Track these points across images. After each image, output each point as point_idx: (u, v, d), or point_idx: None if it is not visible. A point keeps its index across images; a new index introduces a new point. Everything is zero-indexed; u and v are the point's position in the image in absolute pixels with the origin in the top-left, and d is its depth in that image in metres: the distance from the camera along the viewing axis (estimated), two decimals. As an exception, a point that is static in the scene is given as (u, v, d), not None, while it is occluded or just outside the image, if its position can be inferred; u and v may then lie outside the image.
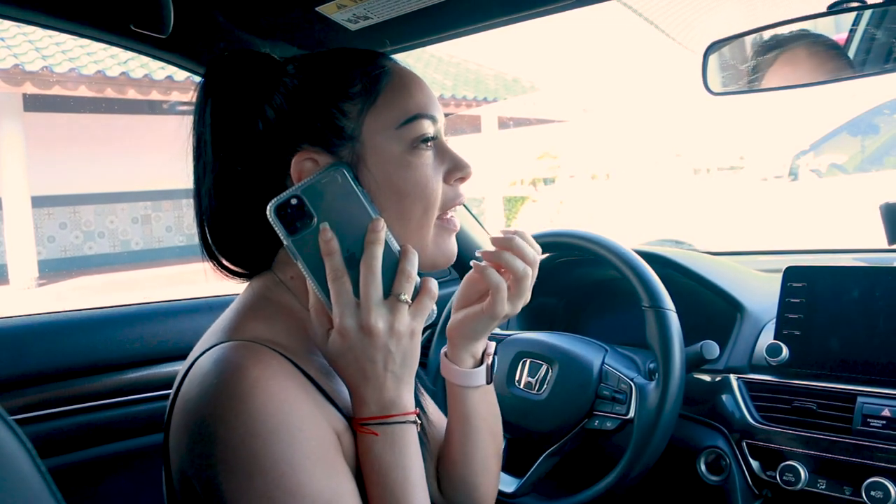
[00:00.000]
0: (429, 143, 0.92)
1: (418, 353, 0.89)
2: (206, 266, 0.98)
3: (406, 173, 0.90)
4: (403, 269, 0.87)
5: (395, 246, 0.88)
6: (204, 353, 0.85)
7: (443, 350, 1.09)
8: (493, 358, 1.10)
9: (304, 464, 0.78)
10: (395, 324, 0.85)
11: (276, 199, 0.86)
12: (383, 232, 0.86)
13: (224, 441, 0.77)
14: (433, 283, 0.89)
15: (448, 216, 0.96)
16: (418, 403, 0.95)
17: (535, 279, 1.01)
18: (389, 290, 0.86)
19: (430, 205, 0.92)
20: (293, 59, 0.96)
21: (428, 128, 0.91)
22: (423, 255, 0.93)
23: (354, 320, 0.84)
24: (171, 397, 0.89)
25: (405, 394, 0.88)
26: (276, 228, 0.86)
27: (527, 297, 1.01)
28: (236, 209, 0.94)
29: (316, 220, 0.86)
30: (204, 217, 0.95)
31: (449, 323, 1.07)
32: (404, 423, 0.87)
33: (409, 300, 0.87)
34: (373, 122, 0.90)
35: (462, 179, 0.96)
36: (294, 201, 0.86)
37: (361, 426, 0.86)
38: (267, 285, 0.95)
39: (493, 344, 1.11)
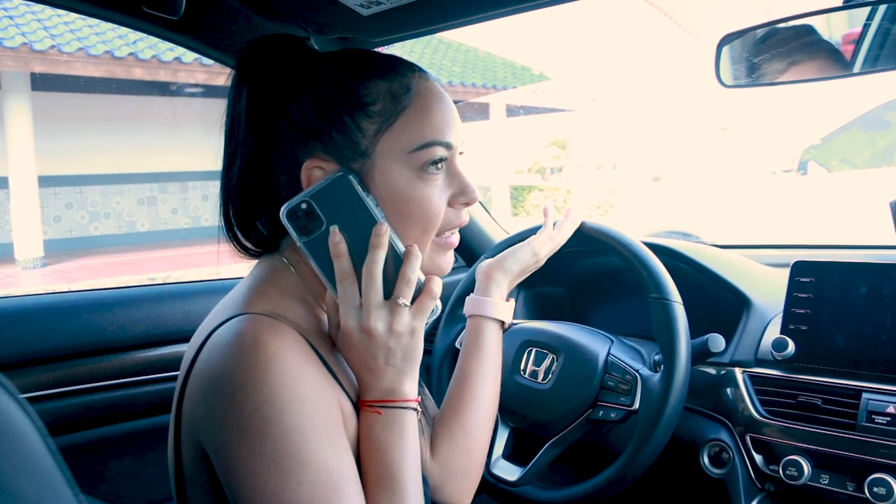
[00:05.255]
0: (439, 166, 0.94)
1: (420, 347, 0.93)
2: (220, 246, 1.01)
3: (411, 195, 0.93)
4: (404, 275, 0.90)
5: (401, 248, 0.91)
6: (220, 325, 0.89)
7: (470, 295, 1.31)
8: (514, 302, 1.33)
9: (312, 435, 0.82)
10: (395, 325, 0.89)
11: (287, 204, 0.89)
12: (386, 236, 0.89)
13: (241, 407, 0.81)
14: (436, 284, 0.93)
15: (446, 235, 1.00)
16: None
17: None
18: (392, 292, 0.90)
19: (429, 227, 0.95)
20: (329, 58, 0.97)
21: (440, 152, 0.93)
22: (422, 267, 0.95)
23: (356, 321, 0.89)
24: (184, 369, 0.92)
25: (406, 384, 0.92)
26: (288, 231, 0.90)
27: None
28: (259, 191, 0.97)
29: (325, 223, 0.89)
30: (230, 195, 0.98)
31: (491, 262, 1.35)
32: (405, 408, 0.92)
33: (409, 304, 0.90)
34: (387, 143, 0.92)
35: (466, 204, 0.99)
36: (304, 206, 0.89)
37: (367, 406, 0.91)
38: (275, 266, 0.98)
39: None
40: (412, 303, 0.91)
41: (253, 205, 0.98)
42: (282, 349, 0.83)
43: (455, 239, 1.00)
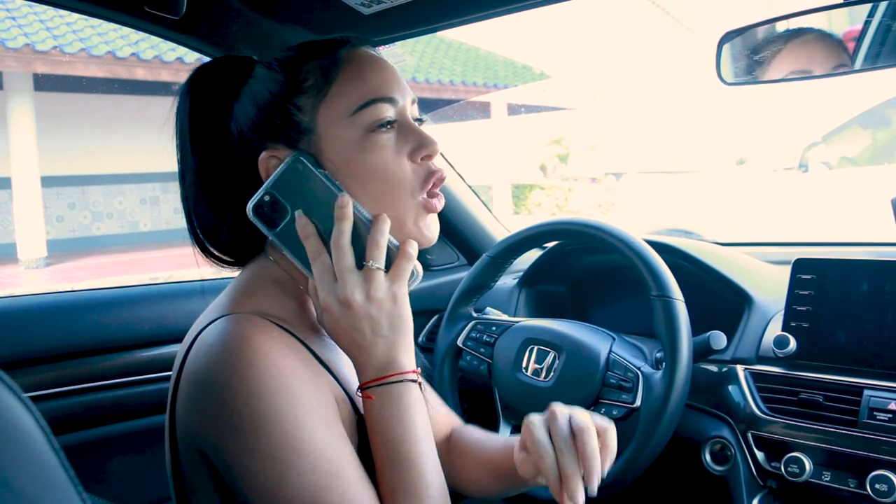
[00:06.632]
0: (388, 126, 0.93)
1: (408, 315, 0.91)
2: (196, 254, 1.03)
3: (363, 157, 0.91)
4: (373, 238, 0.89)
5: (366, 216, 0.91)
6: (206, 327, 0.89)
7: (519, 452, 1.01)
8: None
9: (306, 424, 0.82)
10: (372, 291, 0.88)
11: (251, 201, 0.90)
12: (349, 208, 0.89)
13: (230, 405, 0.81)
14: (411, 246, 0.92)
15: (424, 198, 0.96)
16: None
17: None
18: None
19: (395, 185, 0.93)
20: (266, 62, 0.99)
21: (385, 111, 0.92)
22: (403, 235, 0.94)
23: (334, 296, 0.87)
24: (175, 373, 0.93)
25: (400, 355, 0.90)
26: (258, 226, 0.91)
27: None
28: (220, 204, 0.99)
29: (290, 210, 0.90)
30: (190, 209, 1.00)
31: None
32: (402, 381, 0.89)
33: (382, 267, 0.89)
34: (326, 113, 0.92)
35: (429, 157, 0.96)
36: (267, 198, 0.90)
37: (362, 391, 0.89)
38: (262, 265, 0.99)
39: None
40: (388, 268, 0.90)
41: (218, 218, 0.99)
42: (266, 344, 0.83)
43: (437, 203, 0.97)
